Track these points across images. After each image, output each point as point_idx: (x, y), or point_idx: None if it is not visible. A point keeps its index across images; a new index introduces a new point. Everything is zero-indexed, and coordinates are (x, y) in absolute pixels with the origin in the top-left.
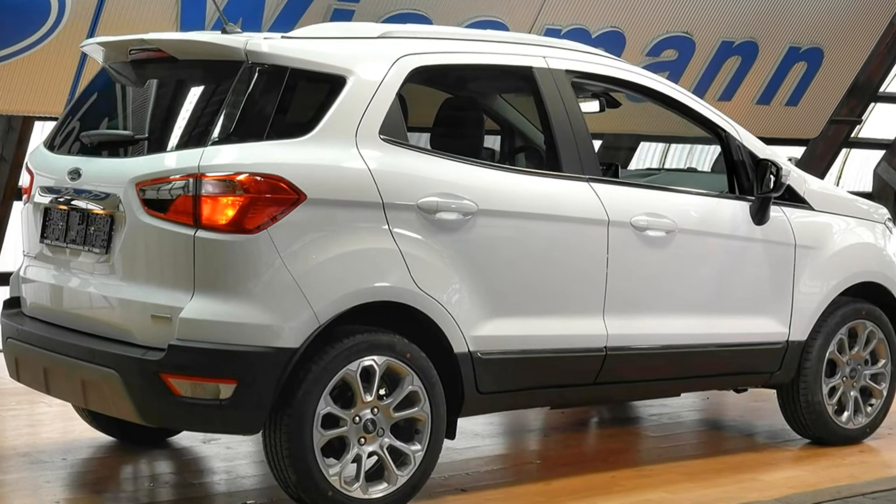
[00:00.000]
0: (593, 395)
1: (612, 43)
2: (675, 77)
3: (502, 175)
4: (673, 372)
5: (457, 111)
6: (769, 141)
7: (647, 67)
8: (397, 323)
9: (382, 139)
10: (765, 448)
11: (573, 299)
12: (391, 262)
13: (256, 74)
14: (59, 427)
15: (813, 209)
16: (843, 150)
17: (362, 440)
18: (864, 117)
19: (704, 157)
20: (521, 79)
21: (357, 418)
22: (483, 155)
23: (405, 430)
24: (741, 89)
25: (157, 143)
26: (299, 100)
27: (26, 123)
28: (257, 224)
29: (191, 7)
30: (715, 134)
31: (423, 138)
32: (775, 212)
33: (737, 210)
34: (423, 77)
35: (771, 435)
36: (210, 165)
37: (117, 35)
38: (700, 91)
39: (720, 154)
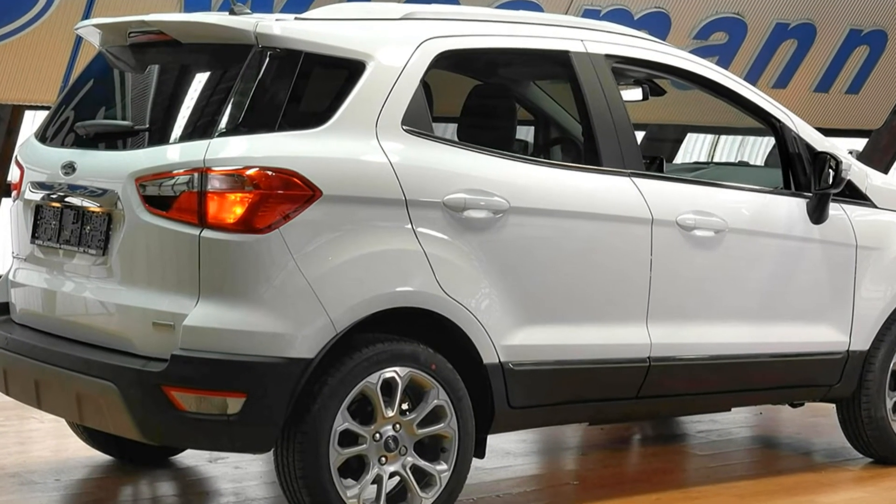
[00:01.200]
0: (636, 409)
1: (657, 25)
2: (724, 62)
3: (536, 169)
4: (723, 385)
5: (486, 100)
6: (828, 132)
7: (695, 51)
8: (421, 331)
9: (405, 130)
10: (823, 468)
11: (614, 305)
12: (415, 264)
13: (267, 59)
14: (52, 445)
15: (876, 207)
16: None
17: (383, 459)
18: None
19: (757, 149)
20: (556, 64)
21: (377, 435)
22: (515, 147)
23: (430, 449)
24: (797, 76)
25: (159, 135)
26: (314, 87)
27: (16, 113)
28: (268, 223)
29: None
30: (769, 124)
31: (450, 129)
32: (834, 209)
33: (792, 208)
34: (450, 62)
35: (830, 453)
36: (217, 159)
37: (115, 16)
38: (752, 77)
39: (774, 147)
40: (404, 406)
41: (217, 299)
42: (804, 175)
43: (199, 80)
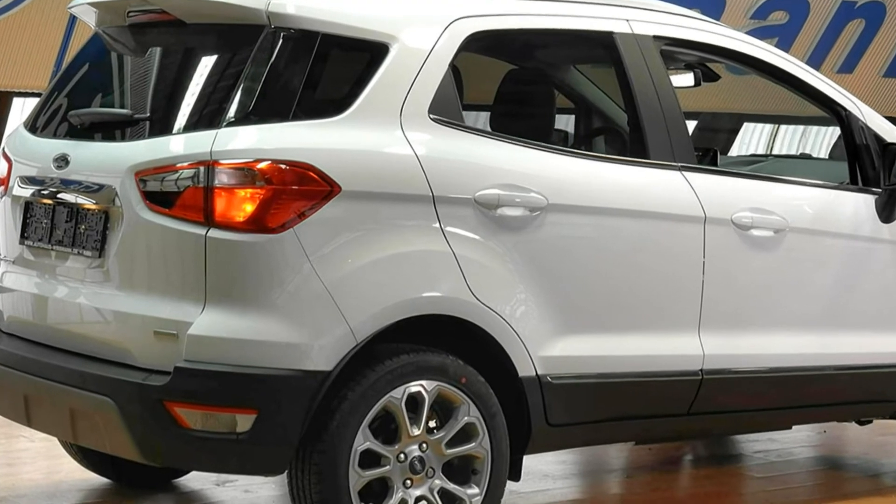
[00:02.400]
0: (687, 427)
1: (710, 3)
2: (785, 44)
3: (577, 163)
4: (782, 400)
5: (522, 85)
6: None
7: (752, 32)
8: (450, 341)
9: (432, 119)
10: (893, 491)
11: (662, 312)
12: (443, 267)
13: (281, 41)
14: (43, 466)
15: None
16: None
17: (408, 482)
18: None
19: (821, 141)
20: (599, 46)
21: (402, 456)
22: (554, 138)
23: (460, 471)
24: (865, 59)
25: (161, 124)
26: (332, 72)
27: (4, 100)
28: (282, 222)
29: None
30: (833, 113)
31: (482, 118)
32: None
33: (860, 205)
34: (482, 44)
35: None
36: (225, 151)
37: None
38: (815, 61)
39: (839, 137)
40: (431, 423)
41: (225, 306)
42: (873, 169)
43: (206, 64)
